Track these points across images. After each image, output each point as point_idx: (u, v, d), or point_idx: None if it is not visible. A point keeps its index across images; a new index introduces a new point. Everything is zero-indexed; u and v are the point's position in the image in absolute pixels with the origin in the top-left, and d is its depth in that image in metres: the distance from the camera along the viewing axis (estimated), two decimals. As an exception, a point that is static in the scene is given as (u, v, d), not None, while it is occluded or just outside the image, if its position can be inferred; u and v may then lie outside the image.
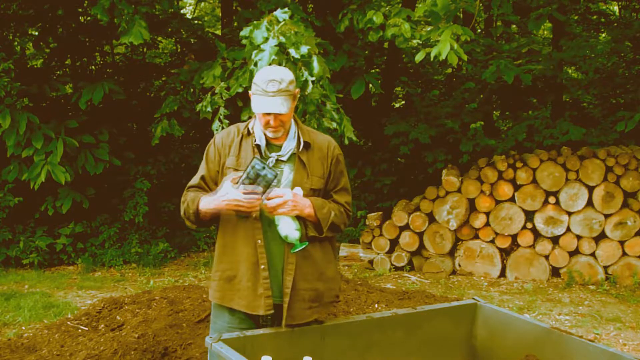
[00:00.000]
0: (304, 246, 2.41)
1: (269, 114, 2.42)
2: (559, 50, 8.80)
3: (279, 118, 2.44)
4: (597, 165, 6.64)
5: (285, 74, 2.44)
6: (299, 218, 2.44)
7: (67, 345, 4.22)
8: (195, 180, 2.59)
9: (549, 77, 8.83)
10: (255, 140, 2.51)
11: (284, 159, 2.52)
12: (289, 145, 2.54)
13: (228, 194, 2.33)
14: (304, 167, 2.53)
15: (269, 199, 2.36)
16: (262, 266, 2.44)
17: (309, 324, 2.52)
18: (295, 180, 2.49)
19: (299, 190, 2.46)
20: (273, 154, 2.51)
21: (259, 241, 2.45)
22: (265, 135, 2.52)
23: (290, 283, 2.47)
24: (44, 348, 4.24)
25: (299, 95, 2.66)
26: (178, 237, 8.30)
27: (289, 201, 2.37)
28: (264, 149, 2.52)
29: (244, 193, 2.31)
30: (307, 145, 2.56)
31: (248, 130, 2.55)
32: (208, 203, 2.43)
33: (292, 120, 2.58)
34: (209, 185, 2.57)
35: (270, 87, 2.38)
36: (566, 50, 8.59)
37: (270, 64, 4.13)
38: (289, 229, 2.40)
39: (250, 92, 2.50)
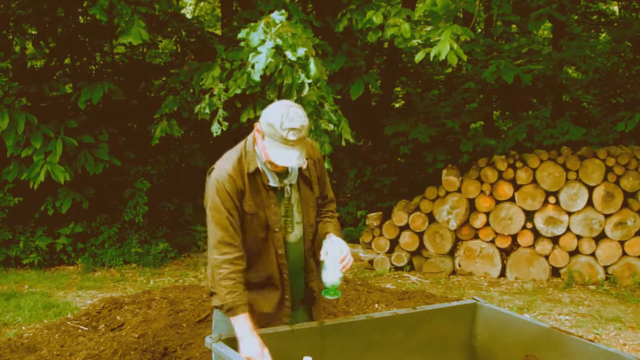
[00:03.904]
0: (337, 297, 2.42)
1: None
2: (559, 50, 8.80)
3: None
4: (597, 165, 6.64)
5: (304, 119, 2.30)
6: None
7: (67, 345, 4.22)
8: (221, 235, 2.35)
9: (549, 77, 8.82)
10: (268, 182, 2.42)
11: (294, 182, 2.49)
12: (294, 168, 2.47)
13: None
14: (307, 182, 2.54)
15: (343, 266, 2.39)
16: (284, 275, 2.50)
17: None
18: (303, 198, 2.52)
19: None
20: (286, 181, 2.46)
21: (280, 251, 2.48)
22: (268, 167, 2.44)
23: (317, 288, 2.59)
24: (44, 348, 4.24)
25: None
26: (178, 237, 8.29)
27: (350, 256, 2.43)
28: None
29: None
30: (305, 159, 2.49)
31: (257, 170, 2.41)
32: (237, 326, 2.31)
33: None
34: (238, 232, 2.39)
35: (291, 136, 2.23)
36: (566, 50, 8.59)
37: (266, 67, 4.13)
38: (335, 276, 2.39)
39: (259, 126, 2.34)
